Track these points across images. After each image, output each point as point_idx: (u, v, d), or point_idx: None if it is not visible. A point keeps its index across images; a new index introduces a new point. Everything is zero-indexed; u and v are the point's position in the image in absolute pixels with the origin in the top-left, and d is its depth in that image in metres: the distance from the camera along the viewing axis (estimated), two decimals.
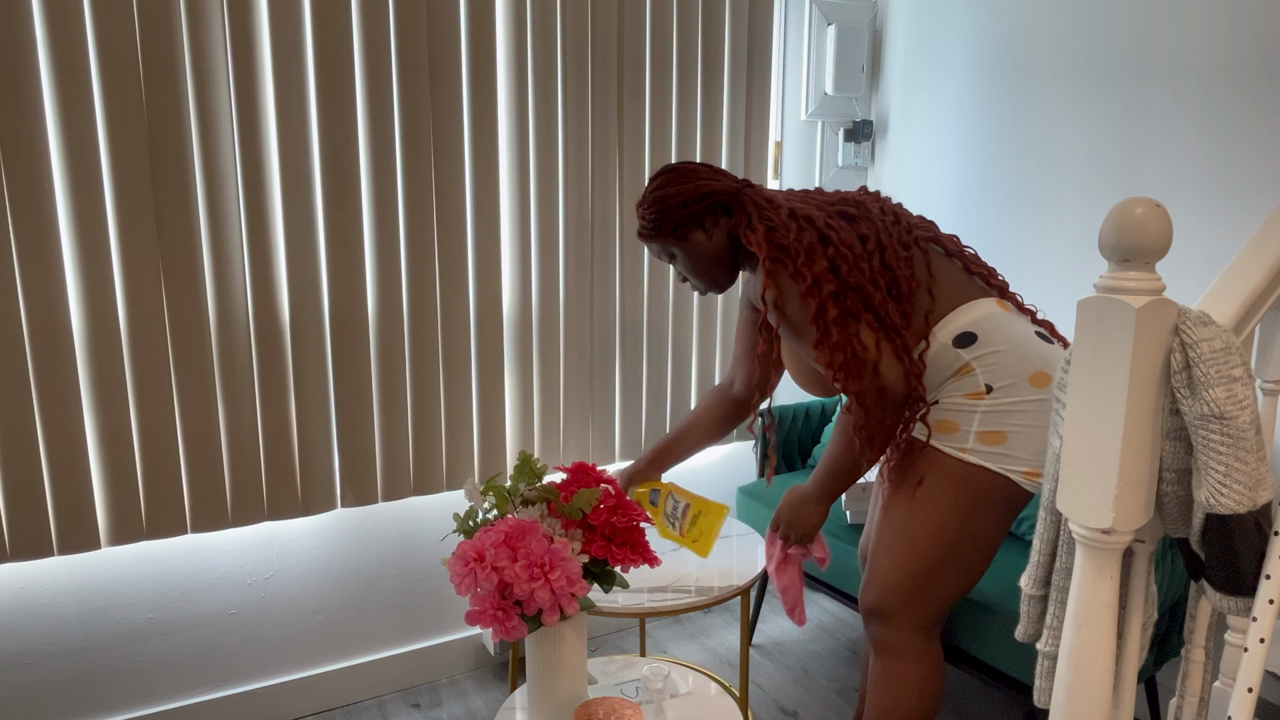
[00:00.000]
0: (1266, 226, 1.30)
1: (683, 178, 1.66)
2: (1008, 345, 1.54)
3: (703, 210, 1.65)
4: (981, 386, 1.54)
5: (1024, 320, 1.60)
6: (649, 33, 2.37)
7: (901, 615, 1.60)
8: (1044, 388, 1.52)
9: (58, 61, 1.76)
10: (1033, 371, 1.53)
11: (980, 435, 1.53)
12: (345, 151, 2.03)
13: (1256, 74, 1.96)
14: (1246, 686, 1.12)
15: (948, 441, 1.56)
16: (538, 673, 1.48)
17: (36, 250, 1.78)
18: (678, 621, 2.75)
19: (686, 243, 1.69)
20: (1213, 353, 1.04)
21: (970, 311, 1.57)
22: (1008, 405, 1.52)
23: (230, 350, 1.99)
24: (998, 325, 1.56)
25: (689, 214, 1.65)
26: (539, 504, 1.51)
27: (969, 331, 1.55)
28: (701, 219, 1.66)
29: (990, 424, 1.53)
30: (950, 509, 1.55)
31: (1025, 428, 1.52)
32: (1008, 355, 1.53)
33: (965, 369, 1.55)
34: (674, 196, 1.64)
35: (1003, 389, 1.53)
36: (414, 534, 2.36)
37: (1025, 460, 1.53)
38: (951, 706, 2.31)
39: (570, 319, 2.38)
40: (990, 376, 1.54)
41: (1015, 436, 1.52)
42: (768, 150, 2.63)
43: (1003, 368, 1.53)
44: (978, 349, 1.55)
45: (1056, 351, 1.57)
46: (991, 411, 1.53)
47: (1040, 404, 1.52)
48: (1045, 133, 2.40)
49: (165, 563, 2.08)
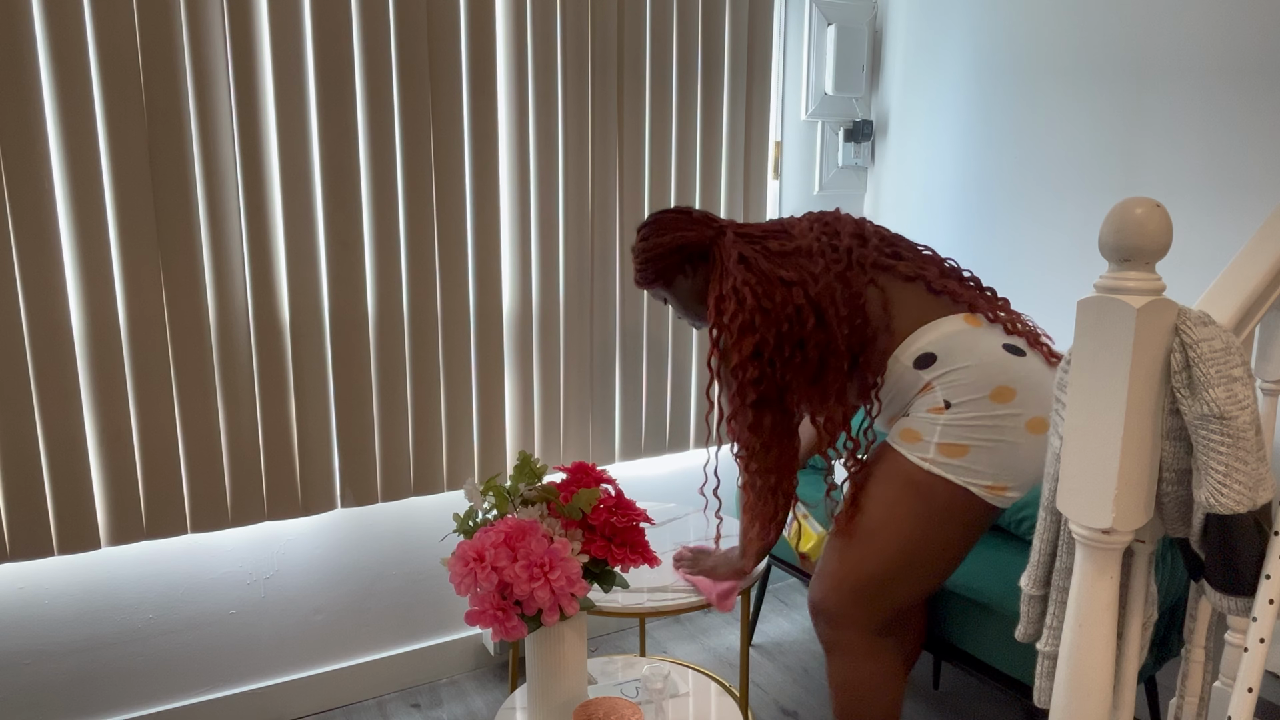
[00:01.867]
0: (1266, 227, 1.30)
1: (661, 229, 1.78)
2: (970, 362, 1.55)
3: (681, 260, 1.77)
4: (940, 402, 1.55)
5: (993, 334, 1.58)
6: (649, 33, 2.37)
7: (851, 611, 1.61)
8: (1007, 403, 1.52)
9: (58, 61, 1.76)
10: (995, 387, 1.53)
11: (940, 447, 1.54)
12: (345, 152, 2.03)
13: (1256, 74, 1.96)
14: (1246, 686, 1.12)
15: (911, 450, 1.57)
16: (538, 673, 1.48)
17: (36, 250, 1.78)
18: (678, 621, 2.75)
19: (673, 287, 1.81)
20: (1213, 353, 1.04)
21: (930, 332, 1.59)
22: (967, 420, 1.53)
23: (230, 350, 1.99)
24: (959, 343, 1.57)
25: (669, 264, 1.77)
26: (539, 504, 1.51)
27: (928, 352, 1.58)
28: (681, 266, 1.78)
29: (950, 437, 1.54)
30: (908, 515, 1.56)
31: (988, 442, 1.53)
32: (969, 372, 1.54)
33: (927, 387, 1.57)
34: (654, 249, 1.77)
35: (961, 405, 1.54)
36: (414, 534, 2.36)
37: (988, 474, 1.54)
38: (951, 706, 2.31)
39: (570, 319, 2.38)
40: (949, 393, 1.55)
41: (977, 450, 1.53)
42: (768, 150, 2.63)
43: (962, 385, 1.54)
44: (937, 368, 1.57)
45: (1027, 364, 1.55)
46: (951, 425, 1.54)
47: (1003, 419, 1.52)
48: (1045, 133, 2.41)
49: (165, 563, 2.08)
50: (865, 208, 2.95)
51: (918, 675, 2.45)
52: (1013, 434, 1.52)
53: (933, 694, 2.36)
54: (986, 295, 1.70)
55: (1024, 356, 1.57)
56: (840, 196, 2.89)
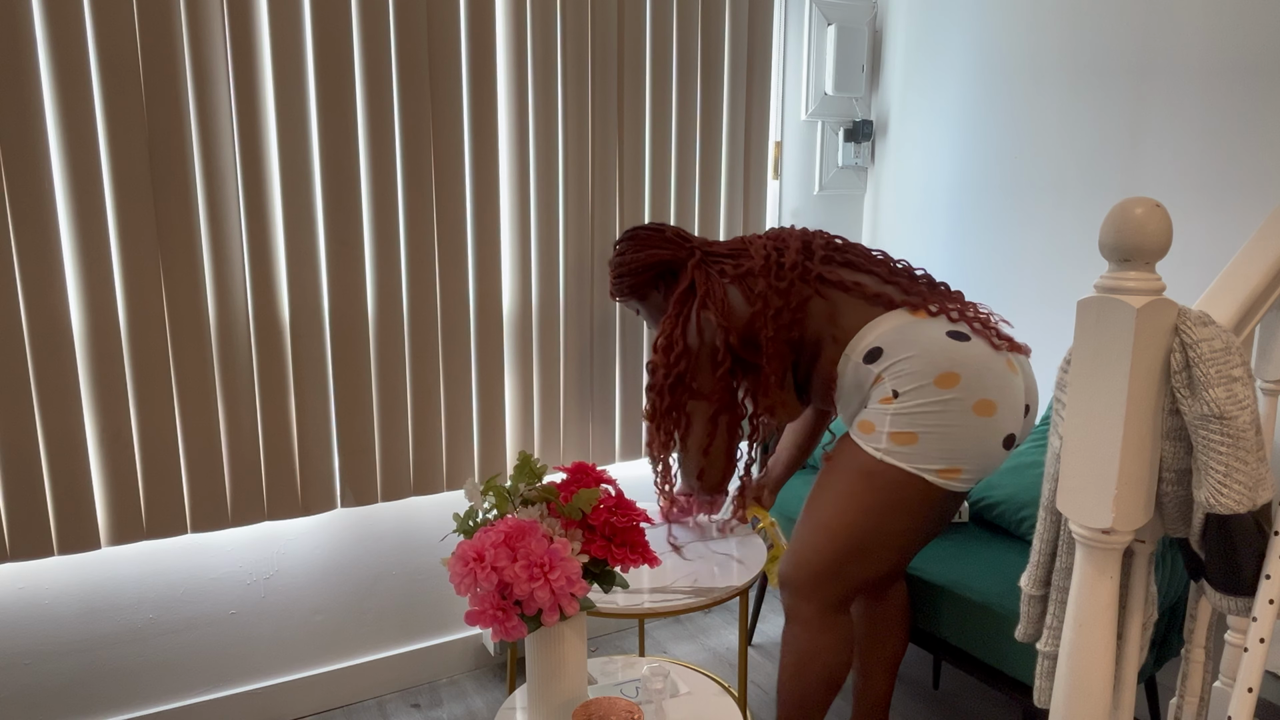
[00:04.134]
0: (1266, 226, 1.30)
1: (639, 245, 1.93)
2: (914, 351, 1.62)
3: (654, 277, 1.94)
4: (889, 392, 1.63)
5: (936, 323, 1.66)
6: (649, 33, 2.37)
7: (810, 591, 1.70)
8: (951, 388, 1.59)
9: (58, 61, 1.76)
10: (939, 373, 1.60)
11: (892, 436, 1.62)
12: (345, 152, 2.03)
13: (1256, 74, 1.96)
14: (1246, 686, 1.12)
15: (866, 440, 1.65)
16: (538, 673, 1.48)
17: (36, 250, 1.78)
18: (678, 621, 2.75)
19: (646, 301, 1.98)
20: (1213, 353, 1.04)
21: (876, 328, 1.68)
22: (914, 408, 1.60)
23: (230, 350, 1.99)
24: (903, 335, 1.65)
25: (643, 280, 1.94)
26: (539, 504, 1.51)
27: (875, 347, 1.66)
28: (655, 283, 1.94)
29: (900, 425, 1.61)
30: (863, 503, 1.64)
31: (936, 427, 1.59)
32: (913, 361, 1.62)
33: (877, 379, 1.66)
34: (629, 264, 1.93)
35: (908, 393, 1.61)
36: (414, 534, 2.36)
37: (939, 459, 1.60)
38: (951, 706, 2.31)
39: (570, 319, 2.38)
40: (896, 383, 1.62)
41: (926, 436, 1.60)
42: (768, 150, 2.63)
43: (907, 374, 1.62)
44: (884, 360, 1.65)
45: (970, 349, 1.62)
46: (900, 414, 1.61)
47: (949, 403, 1.59)
48: (1045, 132, 2.41)
49: (165, 563, 2.08)
50: (865, 208, 2.95)
51: (918, 675, 2.45)
52: (959, 417, 1.59)
53: (933, 694, 2.36)
54: (939, 290, 1.79)
55: (968, 341, 1.63)
56: (840, 196, 2.89)
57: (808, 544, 1.70)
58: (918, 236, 2.79)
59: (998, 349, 1.64)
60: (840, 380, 1.73)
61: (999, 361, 1.62)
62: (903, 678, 2.44)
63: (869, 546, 1.66)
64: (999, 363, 1.62)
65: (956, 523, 2.24)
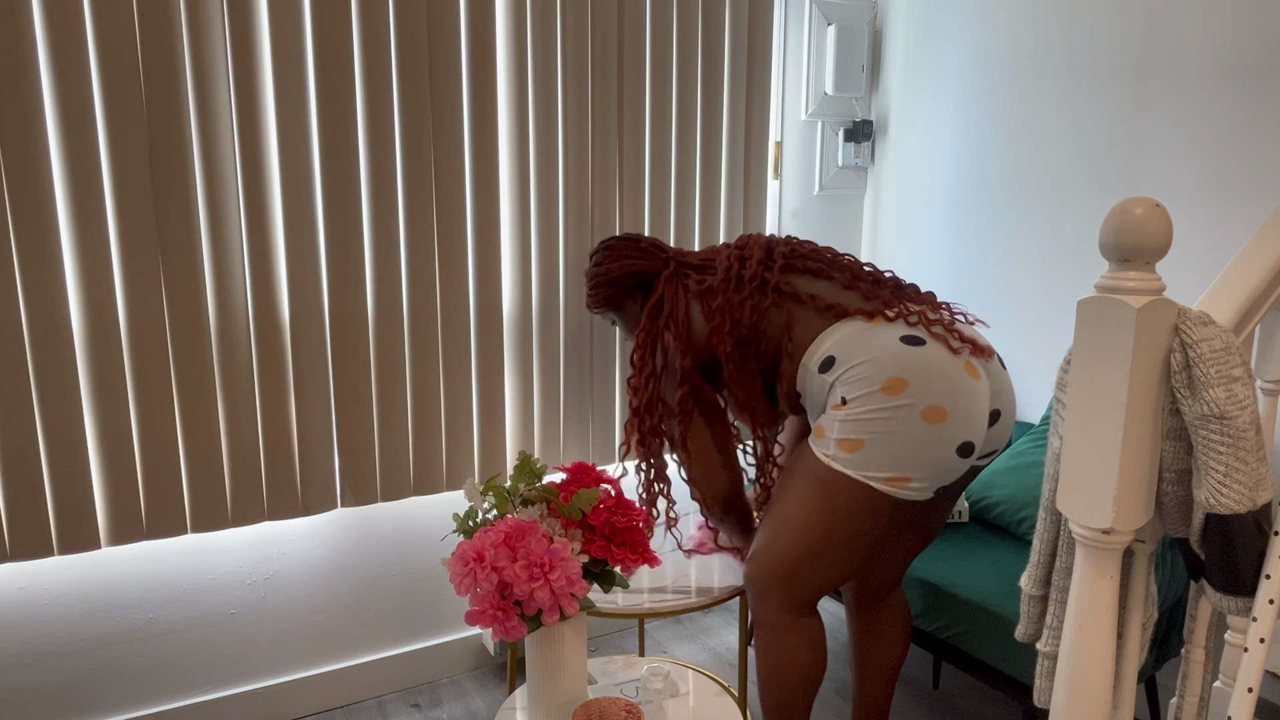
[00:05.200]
0: (1266, 226, 1.30)
1: (614, 255, 1.94)
2: (866, 357, 1.61)
3: (631, 287, 1.94)
4: (839, 399, 1.62)
5: (891, 328, 1.64)
6: (649, 33, 2.37)
7: (770, 595, 1.70)
8: (899, 394, 1.56)
9: (58, 61, 1.76)
10: (886, 379, 1.57)
11: (839, 442, 1.60)
12: (345, 152, 2.03)
13: (1257, 74, 1.96)
14: (1246, 686, 1.12)
15: (818, 446, 1.64)
16: (538, 673, 1.48)
17: (36, 250, 1.78)
18: (678, 621, 2.75)
19: (622, 311, 1.98)
20: (1213, 353, 1.04)
21: (831, 336, 1.68)
22: (861, 414, 1.59)
23: (230, 350, 1.99)
24: (855, 341, 1.64)
25: (619, 290, 1.94)
26: (539, 504, 1.51)
27: (829, 356, 1.66)
28: (631, 293, 1.95)
29: (847, 432, 1.60)
30: (812, 507, 1.64)
31: (881, 434, 1.57)
32: (864, 368, 1.60)
33: (830, 387, 1.65)
34: (604, 274, 1.94)
35: (856, 399, 1.60)
36: (414, 534, 2.36)
37: (884, 466, 1.58)
38: (951, 706, 2.31)
39: (570, 319, 2.38)
40: (845, 390, 1.62)
41: (872, 443, 1.58)
42: (768, 150, 2.63)
43: (856, 380, 1.60)
44: (837, 369, 1.64)
45: (923, 354, 1.59)
46: (848, 420, 1.60)
47: (895, 410, 1.56)
48: (1045, 133, 2.41)
49: (165, 563, 2.08)
50: (865, 208, 2.95)
51: (918, 675, 2.45)
52: (906, 424, 1.56)
53: (933, 694, 2.36)
54: (905, 293, 1.76)
55: (922, 346, 1.60)
56: (840, 196, 2.89)
57: (764, 547, 1.70)
58: (918, 236, 2.79)
59: (956, 353, 1.59)
60: (803, 391, 1.74)
61: (955, 366, 1.57)
62: (903, 678, 2.44)
63: (821, 551, 1.65)
64: (954, 367, 1.57)
65: (956, 523, 2.24)
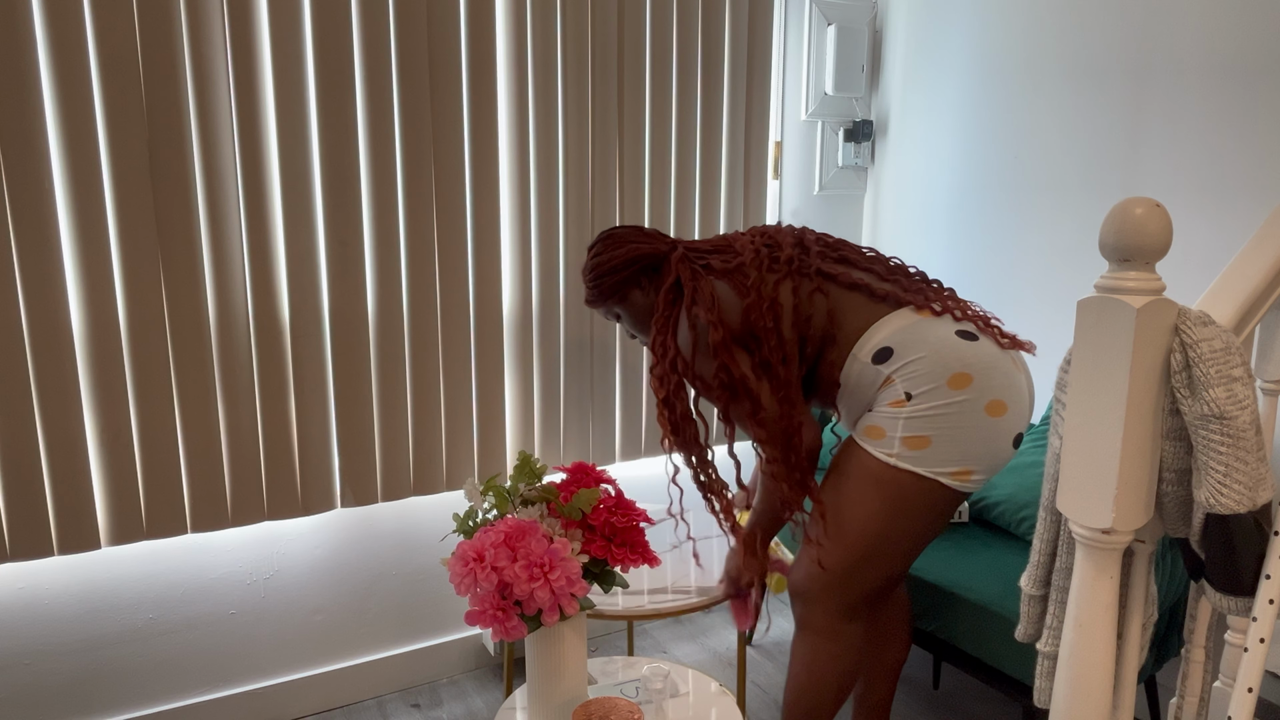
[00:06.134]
0: (1266, 226, 1.30)
1: (616, 243, 1.80)
2: (925, 352, 1.59)
3: (637, 272, 1.79)
4: (901, 395, 1.59)
5: (943, 322, 1.63)
6: (649, 33, 2.37)
7: (822, 600, 1.68)
8: (964, 389, 1.56)
9: (58, 61, 1.76)
10: (951, 374, 1.57)
11: (905, 440, 1.58)
12: (345, 152, 2.03)
13: (1257, 74, 1.96)
14: (1246, 686, 1.12)
15: (877, 446, 1.61)
16: (538, 673, 1.48)
17: (36, 250, 1.78)
18: (678, 621, 2.75)
19: (627, 302, 1.82)
20: (1213, 353, 1.04)
21: (884, 328, 1.63)
22: (928, 410, 1.57)
23: (230, 350, 1.99)
24: (913, 334, 1.61)
25: (624, 277, 1.79)
26: (539, 504, 1.51)
27: (886, 346, 1.62)
28: (637, 279, 1.80)
29: (914, 429, 1.58)
30: (876, 511, 1.61)
31: (949, 429, 1.57)
32: (925, 362, 1.58)
33: (887, 381, 1.61)
34: (608, 263, 1.79)
35: (922, 395, 1.57)
36: (414, 534, 2.36)
37: (952, 461, 1.58)
38: (951, 706, 2.31)
39: (570, 319, 2.38)
40: (909, 385, 1.59)
41: (940, 439, 1.57)
42: (768, 150, 2.63)
43: (920, 375, 1.58)
44: (895, 361, 1.61)
45: (980, 348, 1.59)
46: (914, 418, 1.58)
47: (962, 405, 1.56)
48: (1045, 133, 2.41)
49: (165, 563, 2.08)
50: (865, 208, 2.95)
51: (918, 675, 2.45)
52: (972, 418, 1.56)
53: (933, 694, 2.36)
54: (934, 287, 1.75)
55: (977, 341, 1.61)
56: (840, 196, 2.89)
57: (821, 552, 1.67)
58: (918, 236, 2.79)
59: (1004, 347, 1.62)
60: (845, 381, 1.68)
61: (1005, 360, 1.60)
62: (903, 678, 2.44)
63: (878, 552, 1.63)
64: (1006, 362, 1.60)
65: (956, 523, 2.24)
